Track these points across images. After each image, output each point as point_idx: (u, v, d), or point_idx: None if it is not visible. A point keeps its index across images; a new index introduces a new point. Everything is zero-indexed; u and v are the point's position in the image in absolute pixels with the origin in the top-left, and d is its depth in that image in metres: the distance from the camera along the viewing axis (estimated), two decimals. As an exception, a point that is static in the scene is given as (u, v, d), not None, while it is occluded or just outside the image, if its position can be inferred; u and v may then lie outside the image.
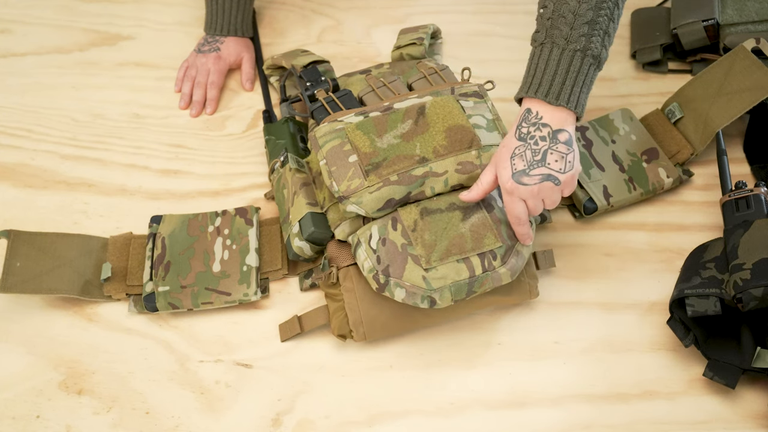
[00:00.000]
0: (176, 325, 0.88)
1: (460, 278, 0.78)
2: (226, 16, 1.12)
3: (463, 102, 0.87)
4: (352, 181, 0.82)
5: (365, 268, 0.81)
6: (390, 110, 0.87)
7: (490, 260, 0.79)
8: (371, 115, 0.87)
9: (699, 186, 0.99)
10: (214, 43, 1.12)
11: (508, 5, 1.21)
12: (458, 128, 0.84)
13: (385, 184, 0.81)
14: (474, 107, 0.87)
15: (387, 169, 0.82)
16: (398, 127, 0.85)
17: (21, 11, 1.23)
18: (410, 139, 0.84)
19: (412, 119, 0.85)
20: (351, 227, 0.85)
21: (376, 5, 1.22)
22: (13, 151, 1.05)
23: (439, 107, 0.86)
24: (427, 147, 0.83)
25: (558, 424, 0.80)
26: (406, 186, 0.82)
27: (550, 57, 0.77)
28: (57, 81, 1.13)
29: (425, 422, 0.81)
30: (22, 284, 0.85)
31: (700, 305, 0.78)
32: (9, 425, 0.81)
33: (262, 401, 0.83)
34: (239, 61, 1.13)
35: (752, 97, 0.94)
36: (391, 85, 0.95)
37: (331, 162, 0.84)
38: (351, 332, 0.83)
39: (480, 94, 0.89)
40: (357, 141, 0.84)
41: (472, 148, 0.83)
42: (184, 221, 0.93)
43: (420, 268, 0.78)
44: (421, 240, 0.79)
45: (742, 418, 0.80)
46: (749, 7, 1.03)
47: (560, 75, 0.77)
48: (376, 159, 0.83)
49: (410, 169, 0.82)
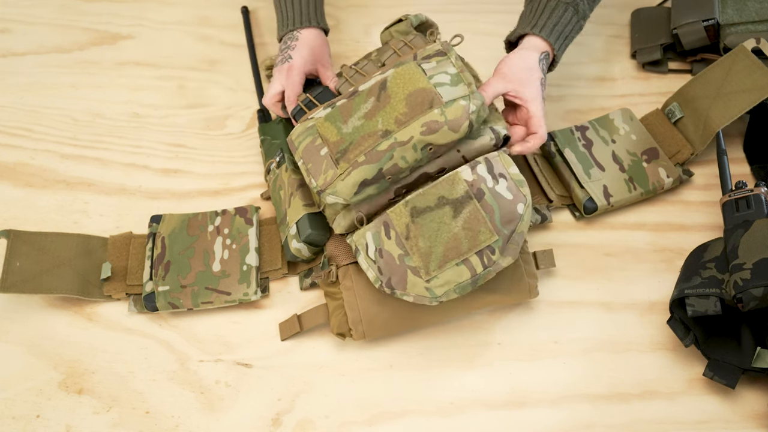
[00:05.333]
0: (176, 324, 0.88)
1: (462, 280, 0.77)
2: (296, 7, 1.01)
3: (425, 65, 0.83)
4: (326, 173, 0.81)
5: (370, 277, 0.81)
6: (355, 94, 0.85)
7: (489, 256, 0.77)
8: (338, 104, 0.85)
9: (699, 186, 0.99)
10: (286, 51, 0.98)
11: (506, 5, 1.21)
12: (418, 92, 0.81)
13: (354, 167, 0.80)
14: (436, 66, 0.83)
15: (353, 152, 0.80)
16: (361, 108, 0.82)
17: (21, 10, 1.23)
18: (372, 117, 0.81)
19: (374, 96, 0.82)
20: (345, 220, 0.84)
21: (375, 4, 1.22)
22: (13, 151, 1.05)
23: (399, 77, 0.83)
24: (389, 119, 0.80)
25: (558, 424, 0.80)
26: (375, 164, 0.79)
27: (547, 6, 0.91)
28: (57, 80, 1.13)
29: (425, 422, 0.81)
30: (21, 284, 0.85)
31: (700, 305, 0.78)
32: (9, 425, 0.80)
33: (262, 401, 0.83)
34: (315, 70, 1.00)
35: (752, 97, 0.94)
36: (363, 69, 0.92)
37: (307, 159, 0.83)
38: (350, 331, 0.83)
39: (443, 51, 0.86)
40: (325, 132, 0.83)
41: (433, 107, 0.79)
42: (184, 221, 0.93)
43: (421, 280, 0.78)
44: (417, 249, 0.78)
45: (742, 418, 0.80)
46: (749, 7, 1.03)
47: (558, 21, 0.90)
48: (344, 145, 0.81)
49: (375, 146, 0.80)
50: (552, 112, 1.07)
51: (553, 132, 0.99)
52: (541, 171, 0.98)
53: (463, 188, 0.79)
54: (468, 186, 0.79)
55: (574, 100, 1.09)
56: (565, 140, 0.99)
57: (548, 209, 0.96)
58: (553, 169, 0.99)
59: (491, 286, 0.84)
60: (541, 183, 0.97)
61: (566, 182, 0.97)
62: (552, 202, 0.96)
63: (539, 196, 0.96)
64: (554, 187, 0.97)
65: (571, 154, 0.97)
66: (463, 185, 0.79)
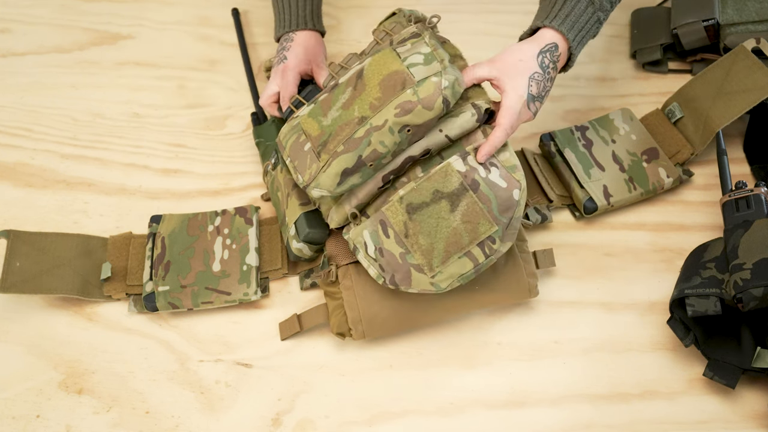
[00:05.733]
0: (176, 324, 0.88)
1: (465, 271, 0.78)
2: (293, 9, 1.02)
3: (399, 48, 0.81)
4: (311, 168, 0.81)
5: (372, 273, 0.81)
6: (336, 87, 0.84)
7: (490, 246, 0.78)
8: (320, 99, 0.84)
9: (699, 186, 0.99)
10: (282, 52, 1.00)
11: (507, 5, 1.21)
12: (391, 75, 0.79)
13: (334, 158, 0.79)
14: (410, 48, 0.81)
15: (333, 143, 0.80)
16: (339, 99, 0.82)
17: (21, 10, 1.23)
18: (349, 106, 0.81)
19: (352, 86, 0.82)
20: (338, 214, 0.84)
21: (376, 5, 1.22)
22: (13, 151, 1.05)
23: (375, 64, 0.81)
24: (364, 106, 0.79)
25: (558, 424, 0.80)
26: (353, 152, 0.79)
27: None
28: (57, 80, 1.13)
29: (425, 422, 0.81)
30: (21, 284, 0.85)
31: (700, 305, 0.78)
32: (9, 425, 0.80)
33: (262, 401, 0.82)
34: (310, 69, 1.01)
35: (752, 97, 0.94)
36: (347, 64, 0.91)
37: (294, 157, 0.83)
38: (350, 330, 0.83)
39: (417, 33, 0.84)
40: (308, 128, 0.83)
41: (405, 87, 0.78)
42: (183, 221, 0.93)
43: (426, 276, 0.78)
44: (418, 246, 0.78)
45: (742, 418, 0.80)
46: (749, 7, 1.03)
47: (571, 12, 0.86)
48: (324, 138, 0.81)
49: (352, 134, 0.79)
50: (552, 112, 1.07)
51: (553, 132, 0.99)
52: (541, 171, 0.98)
53: (458, 180, 0.78)
54: (462, 177, 0.78)
55: (574, 100, 1.09)
56: (565, 140, 0.99)
57: (548, 209, 0.96)
58: (553, 169, 0.99)
59: (491, 286, 0.84)
60: (541, 183, 0.97)
61: (566, 182, 0.97)
62: (552, 202, 0.96)
63: (539, 196, 0.96)
64: (554, 187, 0.97)
65: (571, 154, 0.97)
66: (456, 177, 0.78)
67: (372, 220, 0.81)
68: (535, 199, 0.96)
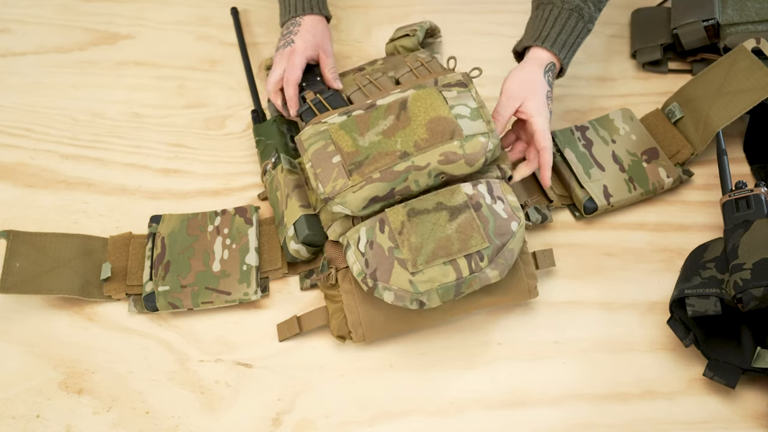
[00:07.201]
0: (176, 324, 0.88)
1: (446, 280, 0.77)
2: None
3: (446, 93, 0.85)
4: (336, 182, 0.81)
5: (354, 271, 0.81)
6: (373, 107, 0.85)
7: (477, 261, 0.78)
8: (354, 114, 0.85)
9: (699, 186, 0.99)
10: (288, 36, 1.00)
11: (508, 5, 1.21)
12: (439, 120, 0.82)
13: (368, 182, 0.80)
14: (457, 97, 0.85)
15: (369, 167, 0.81)
16: (380, 124, 0.83)
17: (21, 10, 1.23)
18: (391, 135, 0.82)
19: (394, 114, 0.84)
20: (342, 227, 0.84)
21: (377, 4, 1.22)
22: (13, 151, 1.05)
23: (420, 100, 0.84)
24: (408, 141, 0.82)
25: (558, 423, 0.80)
26: (388, 182, 0.81)
27: (550, 14, 0.91)
28: (56, 80, 1.13)
29: (425, 422, 0.81)
30: (21, 285, 0.85)
31: (700, 305, 0.78)
32: (9, 425, 0.80)
33: (262, 401, 0.83)
34: (316, 55, 1.01)
35: (752, 97, 0.94)
36: (378, 82, 0.95)
37: (317, 164, 0.83)
38: (350, 333, 0.83)
39: (464, 83, 0.88)
40: (340, 141, 0.83)
41: (454, 138, 0.81)
42: (183, 221, 0.93)
43: (406, 272, 0.78)
44: (408, 243, 0.78)
45: (742, 418, 0.80)
46: (749, 7, 1.03)
47: (561, 31, 0.90)
48: (359, 158, 0.82)
49: (392, 165, 0.81)
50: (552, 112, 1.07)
51: (553, 132, 0.99)
52: (541, 171, 0.98)
53: (462, 198, 0.81)
54: (467, 198, 0.81)
55: (574, 100, 1.09)
56: (565, 140, 0.99)
57: (548, 209, 0.96)
58: (553, 169, 0.99)
59: (491, 287, 0.83)
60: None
61: (566, 182, 0.97)
62: (552, 202, 0.96)
63: (539, 196, 0.96)
64: (554, 187, 0.97)
65: (571, 154, 0.97)
66: (462, 196, 0.81)
67: (371, 219, 0.82)
68: (535, 199, 0.96)
